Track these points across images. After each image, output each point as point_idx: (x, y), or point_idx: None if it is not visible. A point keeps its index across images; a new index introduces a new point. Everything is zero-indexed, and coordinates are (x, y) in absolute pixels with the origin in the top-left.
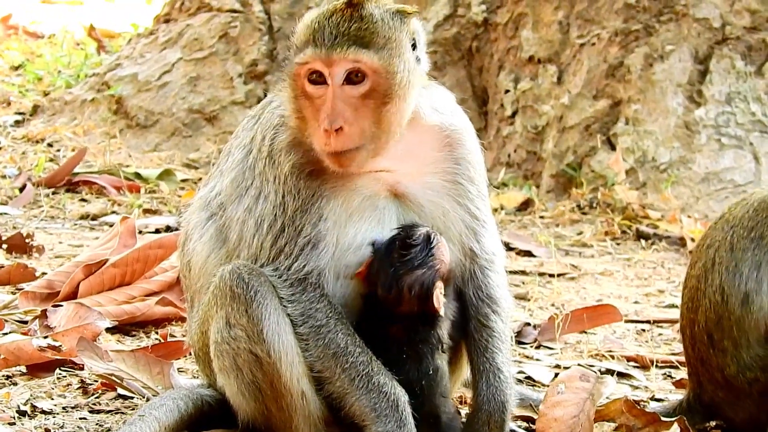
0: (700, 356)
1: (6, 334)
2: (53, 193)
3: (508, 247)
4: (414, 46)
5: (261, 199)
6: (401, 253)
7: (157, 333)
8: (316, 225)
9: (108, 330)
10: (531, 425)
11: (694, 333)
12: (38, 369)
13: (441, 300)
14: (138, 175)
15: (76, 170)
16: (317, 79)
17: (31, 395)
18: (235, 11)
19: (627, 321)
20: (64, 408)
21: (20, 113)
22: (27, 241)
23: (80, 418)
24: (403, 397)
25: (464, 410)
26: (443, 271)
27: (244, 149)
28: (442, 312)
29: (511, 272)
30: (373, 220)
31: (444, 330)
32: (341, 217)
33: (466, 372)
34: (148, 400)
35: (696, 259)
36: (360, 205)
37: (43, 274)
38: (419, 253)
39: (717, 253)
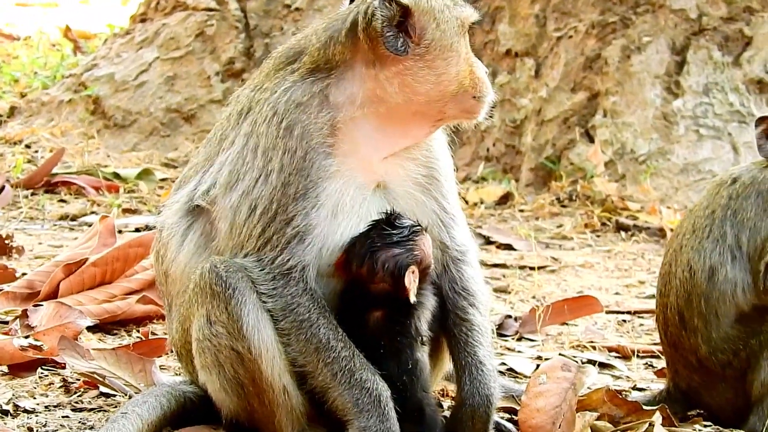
0: (673, 340)
1: None
2: (32, 194)
3: (488, 241)
4: None
5: (261, 181)
6: (383, 228)
7: (138, 331)
8: (309, 214)
9: (89, 329)
10: (513, 416)
11: (666, 317)
12: (20, 368)
13: (413, 284)
14: (116, 175)
15: (54, 171)
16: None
17: (14, 394)
18: (211, 10)
19: (608, 312)
20: (46, 407)
21: None
22: (6, 242)
23: (63, 417)
24: (385, 392)
25: (446, 402)
26: (420, 259)
27: (243, 138)
28: (412, 298)
29: (491, 265)
30: (360, 215)
31: (423, 322)
32: (334, 206)
33: (447, 365)
34: (130, 397)
35: (668, 248)
36: (353, 195)
37: (23, 274)
38: (400, 234)
39: (684, 238)
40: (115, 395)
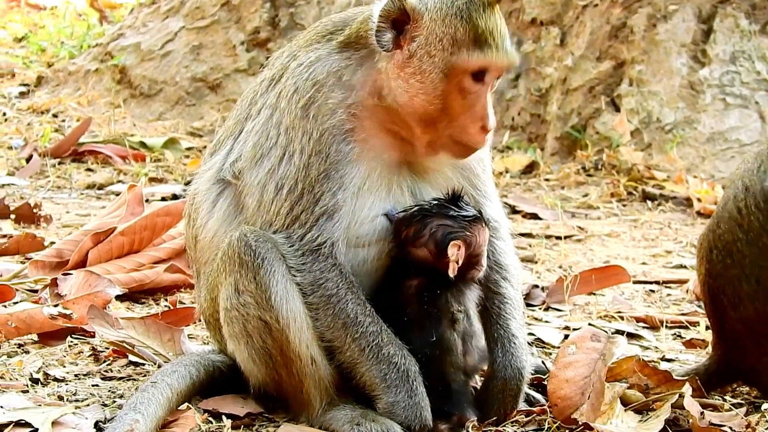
0: (742, 316)
1: (17, 303)
2: (59, 164)
3: (514, 210)
4: None
5: (285, 160)
6: (445, 200)
7: (166, 300)
8: (335, 194)
9: (117, 297)
10: (537, 390)
11: (738, 290)
12: (50, 337)
13: (455, 257)
14: (143, 144)
15: (81, 140)
16: (479, 76)
17: (44, 363)
18: None
19: (635, 282)
20: (76, 375)
21: (25, 84)
22: (34, 211)
23: (93, 385)
24: (413, 367)
25: None
26: (471, 242)
27: (268, 109)
28: (451, 272)
29: (517, 235)
30: (388, 190)
31: (455, 303)
32: (360, 187)
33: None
34: (159, 366)
35: (716, 221)
36: (380, 174)
37: (52, 243)
38: (459, 211)
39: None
40: (144, 364)
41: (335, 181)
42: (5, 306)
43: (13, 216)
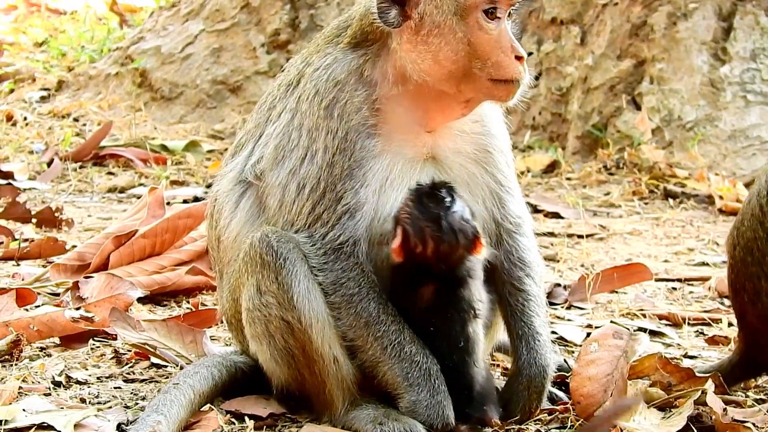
0: (760, 313)
1: (39, 306)
2: (80, 167)
3: (536, 210)
4: None
5: (307, 160)
6: (432, 195)
7: (188, 302)
8: (358, 192)
9: (139, 300)
10: (560, 388)
11: (757, 287)
12: (72, 340)
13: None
14: (164, 147)
15: (102, 144)
16: (492, 13)
17: (66, 366)
18: None
19: (657, 279)
20: (98, 378)
21: (45, 89)
22: (56, 214)
23: (115, 388)
24: (435, 366)
25: (495, 372)
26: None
27: (288, 113)
28: (486, 253)
29: (539, 234)
30: (410, 186)
31: (474, 292)
32: (383, 182)
33: (499, 336)
34: (181, 368)
35: (742, 216)
36: (402, 169)
37: (73, 247)
38: (451, 199)
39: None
40: (166, 366)
41: (358, 178)
42: (27, 309)
43: (34, 220)
